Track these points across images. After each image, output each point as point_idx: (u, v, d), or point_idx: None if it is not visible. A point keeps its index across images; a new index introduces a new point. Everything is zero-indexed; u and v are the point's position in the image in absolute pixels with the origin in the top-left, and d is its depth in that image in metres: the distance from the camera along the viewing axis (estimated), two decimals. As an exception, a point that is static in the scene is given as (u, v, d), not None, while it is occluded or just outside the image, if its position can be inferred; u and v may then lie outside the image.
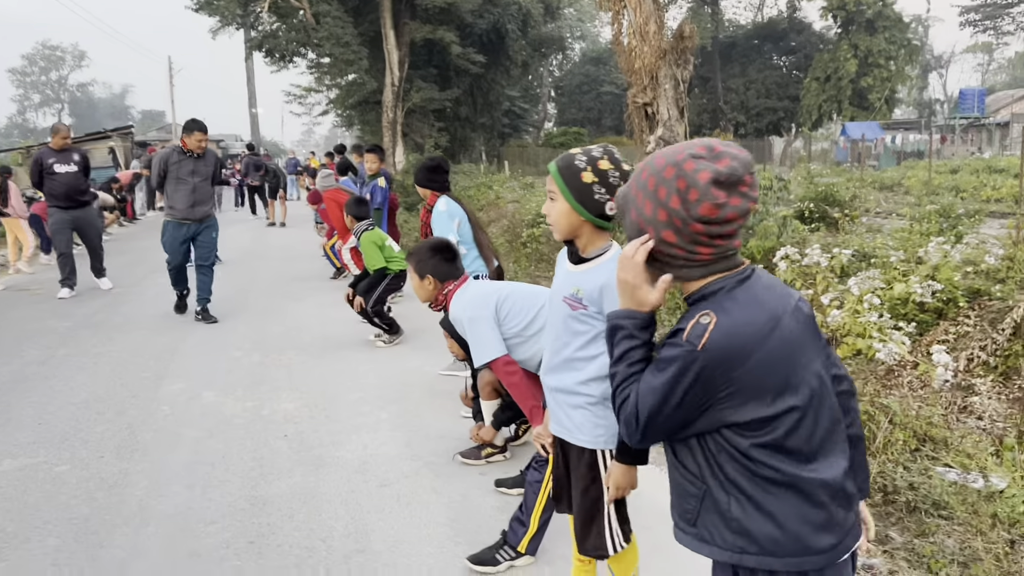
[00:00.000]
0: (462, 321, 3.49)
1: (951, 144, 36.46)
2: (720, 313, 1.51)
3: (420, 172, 5.63)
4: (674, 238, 1.54)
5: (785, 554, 1.58)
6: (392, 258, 7.26)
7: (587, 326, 2.36)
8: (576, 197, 2.28)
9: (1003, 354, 5.35)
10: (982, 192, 18.17)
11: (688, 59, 12.59)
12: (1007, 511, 3.28)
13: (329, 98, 34.78)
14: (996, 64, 73.81)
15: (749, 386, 1.51)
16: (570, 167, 2.30)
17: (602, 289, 2.31)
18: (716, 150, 1.53)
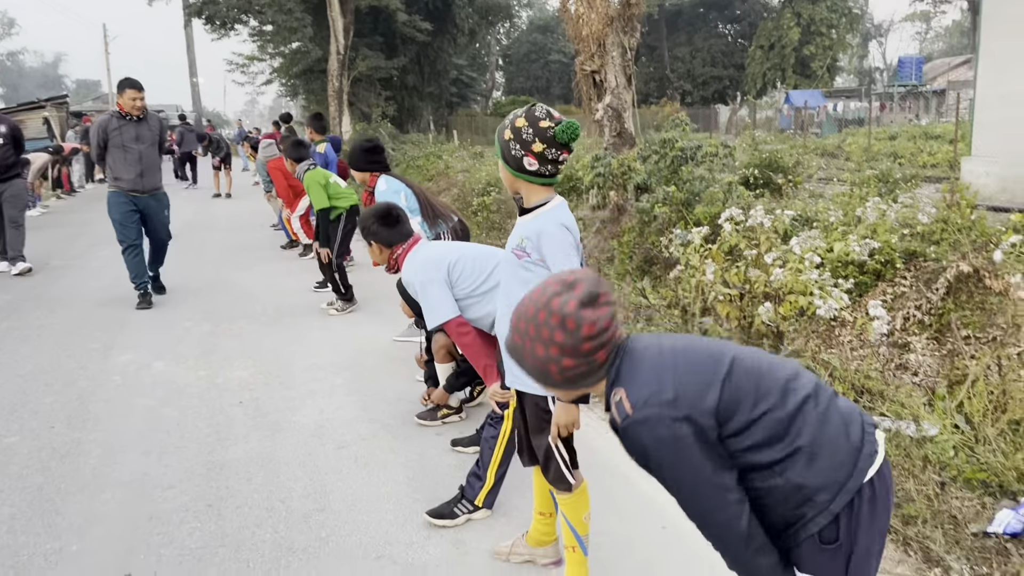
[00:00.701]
0: (414, 284, 3.53)
1: (890, 111, 37.27)
2: (624, 385, 1.71)
3: (357, 155, 5.46)
4: (574, 362, 1.71)
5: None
6: (339, 195, 7.18)
7: (532, 274, 2.49)
8: (501, 154, 2.48)
9: (937, 313, 5.59)
10: (919, 158, 18.67)
11: (635, 26, 12.66)
12: (937, 454, 3.48)
13: (273, 67, 34.09)
14: (933, 33, 75.42)
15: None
16: (499, 129, 2.49)
17: (539, 235, 2.45)
18: (568, 281, 1.73)
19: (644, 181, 8.45)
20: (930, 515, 3.15)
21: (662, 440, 1.62)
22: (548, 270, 2.47)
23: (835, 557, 1.67)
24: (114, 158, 7.20)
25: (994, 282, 5.58)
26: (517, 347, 1.77)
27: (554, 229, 2.45)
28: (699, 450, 1.62)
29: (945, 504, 3.26)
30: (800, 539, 1.68)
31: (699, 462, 1.62)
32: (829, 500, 1.64)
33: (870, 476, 1.67)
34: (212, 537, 3.26)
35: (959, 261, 5.74)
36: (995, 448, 3.56)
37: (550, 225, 2.46)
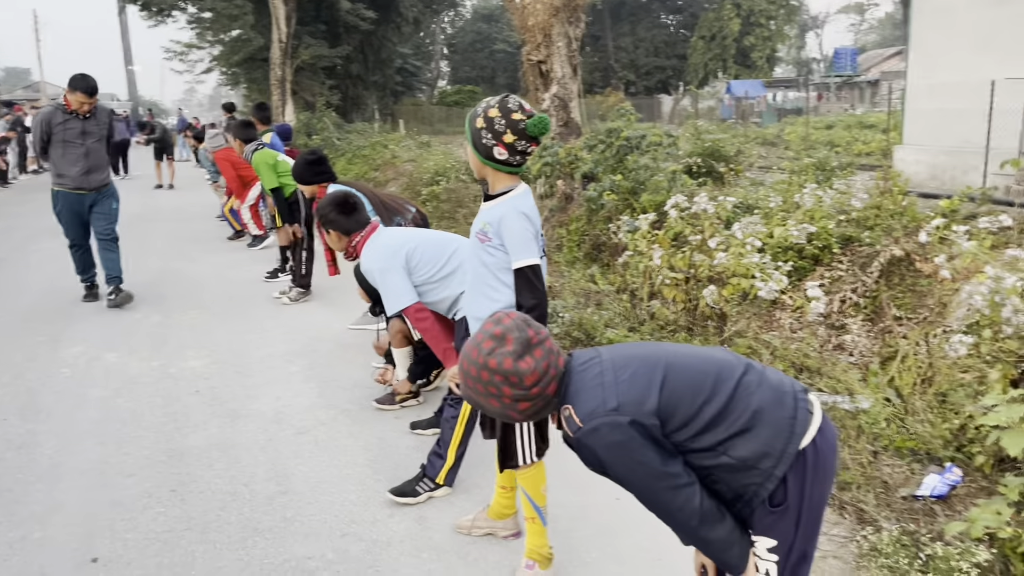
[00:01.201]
0: (373, 272, 3.58)
1: (827, 101, 38.29)
2: (571, 402, 1.88)
3: (302, 170, 5.45)
4: (529, 404, 1.89)
5: None
6: (288, 173, 7.16)
7: (494, 257, 2.62)
8: (472, 141, 2.58)
9: (871, 295, 5.88)
10: (854, 146, 19.28)
11: (580, 17, 12.79)
12: (870, 425, 3.70)
13: (212, 55, 33.38)
14: (867, 24, 77.47)
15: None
16: (471, 116, 2.59)
17: (500, 221, 2.57)
18: (497, 334, 1.88)
19: (591, 170, 8.62)
20: (863, 481, 3.36)
21: (612, 444, 1.79)
22: (507, 255, 2.59)
23: (784, 517, 1.82)
24: (58, 154, 6.74)
25: (924, 265, 5.88)
26: (473, 398, 1.93)
27: (514, 217, 2.56)
28: (647, 447, 1.78)
29: (877, 471, 3.48)
30: (753, 506, 1.83)
31: (649, 457, 1.78)
32: (773, 466, 1.79)
33: (811, 438, 1.82)
34: (177, 521, 3.31)
35: (892, 246, 6.03)
36: (923, 419, 3.81)
37: (511, 213, 2.57)
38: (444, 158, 13.44)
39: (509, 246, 2.57)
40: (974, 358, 3.72)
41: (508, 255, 2.59)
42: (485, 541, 3.13)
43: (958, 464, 3.36)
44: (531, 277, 2.56)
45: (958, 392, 3.76)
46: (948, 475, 3.25)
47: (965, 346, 3.56)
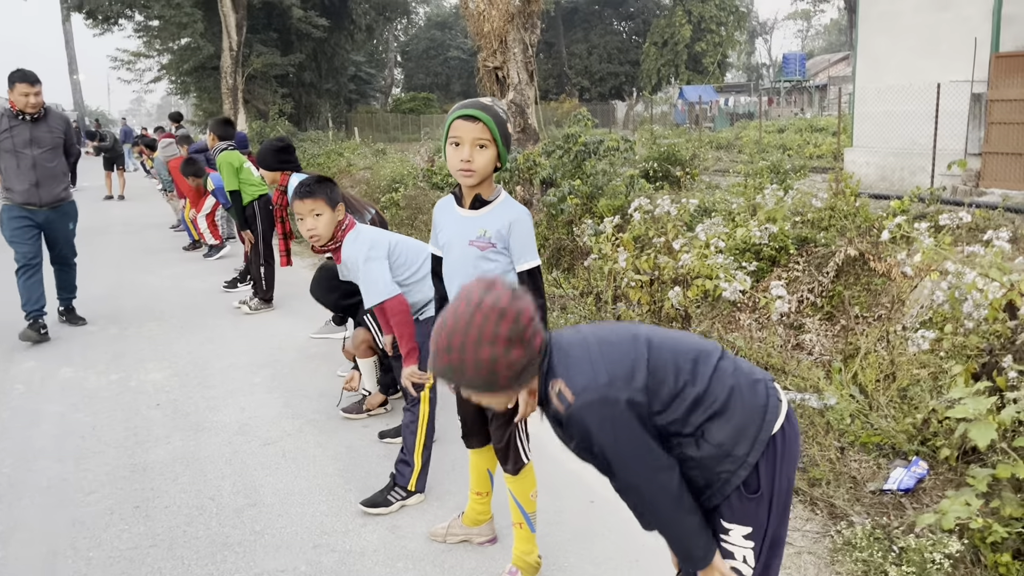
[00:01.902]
0: (356, 261, 3.39)
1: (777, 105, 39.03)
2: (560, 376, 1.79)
3: (268, 154, 5.34)
4: (521, 351, 1.74)
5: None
6: (249, 182, 7.05)
7: (495, 263, 2.57)
8: (506, 145, 2.50)
9: (828, 295, 6.00)
10: (806, 149, 19.66)
11: (535, 23, 12.85)
12: (836, 422, 3.76)
13: (161, 64, 32.87)
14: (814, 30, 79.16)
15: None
16: (498, 116, 2.48)
17: (512, 223, 2.53)
18: (484, 284, 1.78)
19: (550, 175, 8.65)
20: (832, 477, 3.41)
21: (604, 420, 1.75)
22: (510, 258, 2.56)
23: (759, 504, 1.84)
24: (4, 165, 6.17)
25: (877, 264, 6.01)
26: (454, 364, 1.75)
27: (527, 218, 2.57)
28: (637, 425, 1.76)
29: (845, 467, 3.53)
30: (727, 492, 1.84)
31: (639, 435, 1.76)
32: (746, 453, 1.81)
33: (780, 425, 1.84)
34: (142, 538, 3.22)
35: (846, 246, 6.16)
36: (886, 414, 3.88)
37: (523, 215, 2.57)
38: (400, 165, 13.39)
39: (519, 248, 2.55)
40: (933, 354, 3.80)
41: (510, 259, 2.57)
42: (461, 548, 3.10)
43: (923, 457, 3.43)
44: (538, 277, 2.58)
45: (919, 387, 3.84)
46: (914, 468, 3.32)
47: (927, 341, 3.63)
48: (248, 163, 7.21)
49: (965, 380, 3.25)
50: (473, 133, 2.45)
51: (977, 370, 3.37)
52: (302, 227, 3.37)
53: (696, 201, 5.91)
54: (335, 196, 3.38)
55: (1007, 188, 10.89)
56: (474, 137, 2.45)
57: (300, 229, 3.41)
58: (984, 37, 11.86)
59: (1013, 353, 3.20)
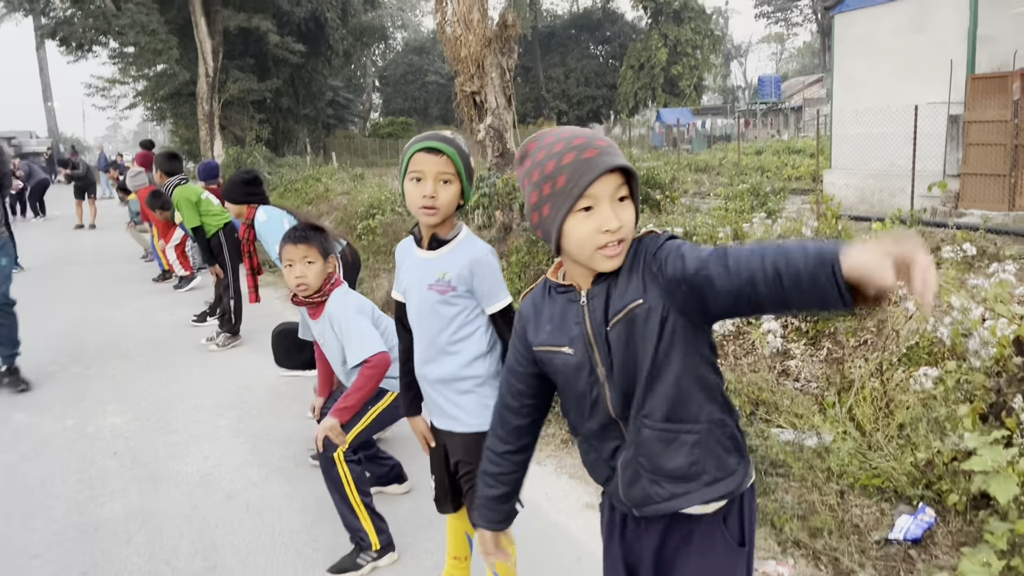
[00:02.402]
0: (344, 315, 3.19)
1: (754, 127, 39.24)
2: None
3: (235, 187, 5.08)
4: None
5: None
6: (211, 212, 6.79)
7: (457, 307, 2.35)
8: (469, 180, 2.30)
9: (812, 319, 5.84)
10: (784, 171, 19.69)
11: (512, 48, 12.75)
12: (838, 465, 3.56)
13: (136, 90, 32.53)
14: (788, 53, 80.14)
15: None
16: (462, 150, 2.28)
17: (472, 264, 2.30)
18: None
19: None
20: (835, 526, 3.20)
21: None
22: (476, 301, 2.35)
23: (741, 559, 1.65)
24: None
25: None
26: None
27: (489, 255, 2.35)
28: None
29: (846, 513, 3.32)
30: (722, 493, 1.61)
31: None
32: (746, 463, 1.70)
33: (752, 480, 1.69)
34: (89, 609, 2.95)
35: (830, 269, 6.02)
36: (886, 453, 3.68)
37: (484, 252, 2.34)
38: (379, 190, 13.18)
39: (486, 290, 2.33)
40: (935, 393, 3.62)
41: (475, 301, 2.35)
42: (437, 615, 2.86)
43: (928, 503, 3.23)
44: (512, 315, 2.34)
45: (920, 425, 3.66)
46: (921, 516, 3.11)
47: (930, 379, 3.45)
48: (206, 193, 6.97)
49: (972, 421, 3.07)
50: (436, 167, 2.23)
51: (985, 410, 3.18)
52: (290, 274, 3.17)
53: (681, 229, 5.73)
54: (329, 246, 3.22)
55: (986, 209, 10.86)
56: (437, 171, 2.23)
57: (287, 276, 3.21)
58: (960, 59, 11.89)
59: (1023, 392, 3.02)
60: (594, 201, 1.47)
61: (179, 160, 7.24)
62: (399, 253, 2.50)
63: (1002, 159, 10.88)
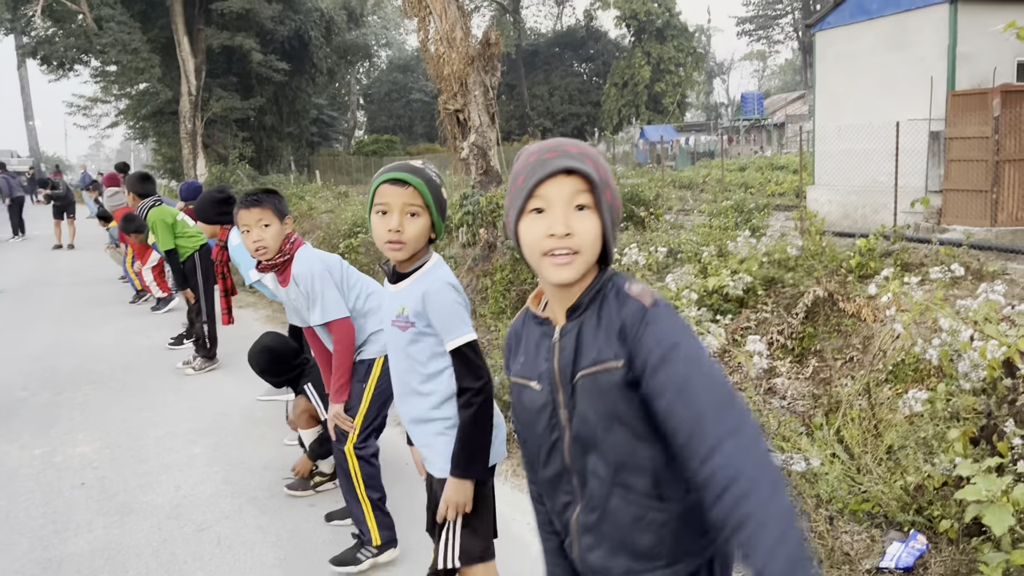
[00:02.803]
0: (310, 276, 3.14)
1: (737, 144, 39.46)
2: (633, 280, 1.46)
3: (207, 206, 4.98)
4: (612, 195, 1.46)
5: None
6: (187, 234, 6.66)
7: (421, 344, 2.24)
8: (440, 213, 2.21)
9: (798, 336, 5.78)
10: (768, 187, 19.73)
11: (496, 66, 12.74)
12: (827, 491, 3.47)
13: (118, 109, 32.34)
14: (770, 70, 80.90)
15: None
16: (431, 180, 2.19)
17: (424, 297, 2.19)
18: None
19: (512, 220, 8.41)
20: (825, 554, 3.11)
21: (691, 330, 1.37)
22: (439, 337, 2.22)
23: None
24: None
25: (847, 304, 5.82)
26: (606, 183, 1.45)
27: (442, 289, 2.20)
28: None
29: (836, 540, 3.24)
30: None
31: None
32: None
33: None
34: (47, 653, 2.81)
35: (814, 286, 5.96)
36: (875, 477, 3.60)
37: (436, 285, 2.20)
38: (362, 208, 13.07)
39: (440, 324, 2.19)
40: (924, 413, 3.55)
41: (438, 336, 2.22)
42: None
43: (920, 529, 3.15)
44: (471, 355, 2.19)
45: (909, 448, 3.58)
46: (912, 543, 3.03)
47: (919, 402, 3.38)
48: (182, 215, 6.84)
49: (963, 445, 2.99)
50: (402, 199, 2.13)
51: (975, 434, 3.11)
52: (247, 239, 3.13)
53: (665, 248, 5.66)
54: (283, 207, 3.18)
55: (968, 224, 10.88)
56: (404, 203, 2.13)
57: (246, 242, 3.17)
58: (940, 76, 11.95)
59: (1014, 416, 2.95)
60: (545, 203, 1.38)
61: (151, 181, 7.08)
62: (381, 289, 2.47)
63: (983, 175, 10.92)
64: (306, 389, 3.94)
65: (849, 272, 6.60)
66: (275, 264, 3.19)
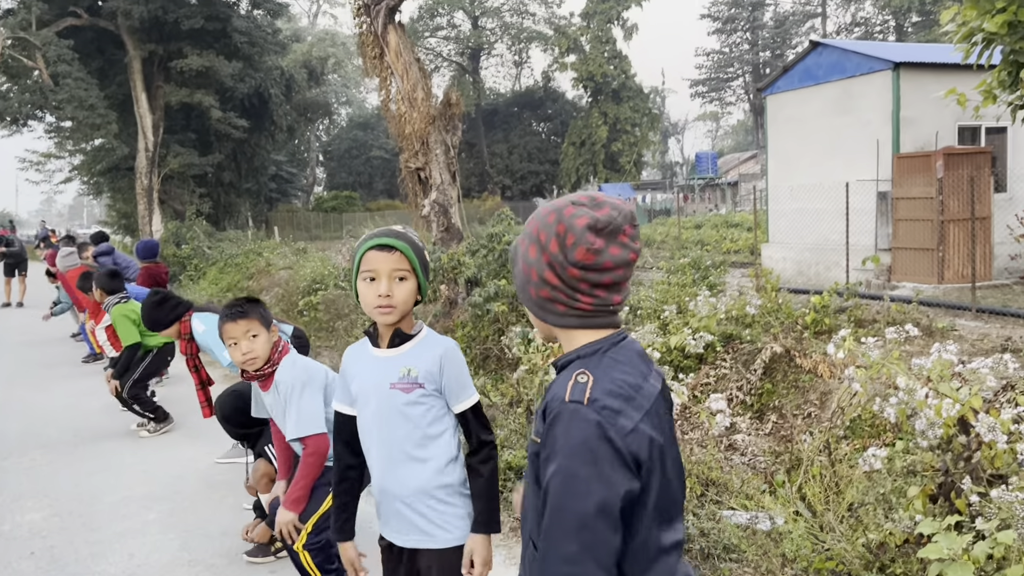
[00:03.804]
0: (293, 386, 3.11)
1: (692, 202, 40.32)
2: (596, 372, 1.44)
3: (153, 314, 4.82)
4: (556, 280, 1.49)
5: None
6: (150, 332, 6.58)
7: (424, 407, 2.20)
8: (425, 275, 2.23)
9: (757, 393, 5.86)
10: (723, 244, 20.15)
11: (457, 125, 12.96)
12: (792, 549, 3.49)
13: (73, 164, 32.03)
14: (723, 130, 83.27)
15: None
16: (415, 244, 2.22)
17: (441, 361, 2.20)
18: (598, 200, 1.51)
19: (475, 275, 8.48)
20: (791, 614, 3.12)
21: (591, 440, 1.35)
22: (444, 399, 2.22)
23: None
24: None
25: (803, 360, 5.93)
26: (516, 248, 1.58)
27: (455, 349, 2.26)
28: (618, 478, 1.35)
29: (801, 599, 3.25)
30: None
31: (609, 488, 1.34)
32: None
33: None
34: None
35: (772, 343, 6.08)
36: (838, 534, 3.64)
37: (451, 346, 2.26)
38: (321, 264, 13.03)
39: (456, 386, 2.22)
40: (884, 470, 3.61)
41: (441, 400, 2.22)
42: None
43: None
44: (481, 413, 2.27)
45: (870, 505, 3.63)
46: (877, 602, 3.06)
47: (879, 459, 3.44)
48: None
49: (923, 502, 3.05)
50: (390, 264, 2.15)
51: (934, 491, 3.17)
52: (235, 352, 3.11)
53: (627, 307, 5.74)
54: (268, 316, 3.18)
55: (917, 281, 11.20)
56: (391, 269, 2.15)
57: (233, 355, 3.15)
58: (886, 139, 12.42)
59: (970, 472, 3.02)
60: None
61: (120, 279, 6.99)
62: (347, 360, 2.35)
63: (930, 234, 11.30)
64: (267, 451, 3.88)
65: (805, 328, 6.75)
66: (262, 374, 3.17)
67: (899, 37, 50.64)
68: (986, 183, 11.10)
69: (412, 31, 39.57)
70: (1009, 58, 8.14)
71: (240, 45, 27.62)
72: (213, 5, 26.18)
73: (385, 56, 12.91)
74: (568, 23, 47.11)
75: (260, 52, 29.70)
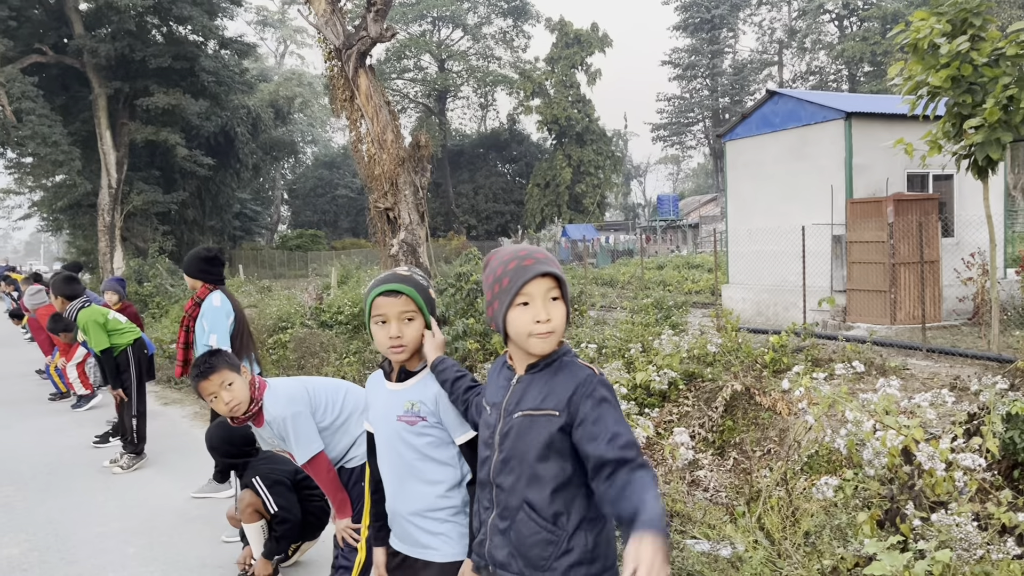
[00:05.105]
0: (283, 419, 3.27)
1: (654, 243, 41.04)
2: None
3: (194, 262, 5.19)
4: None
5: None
6: (119, 330, 6.63)
7: (428, 437, 2.39)
8: (431, 311, 2.42)
9: (718, 430, 6.10)
10: (685, 285, 20.57)
11: (425, 167, 13.22)
12: (753, 575, 3.70)
13: (32, 200, 31.68)
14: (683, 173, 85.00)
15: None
16: (419, 285, 2.41)
17: (436, 397, 2.38)
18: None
19: (442, 314, 8.67)
20: (751, 634, 3.32)
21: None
22: (443, 431, 2.41)
23: None
24: None
25: (763, 398, 6.19)
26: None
27: None
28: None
29: (761, 622, 3.45)
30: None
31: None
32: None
33: None
34: None
35: (732, 381, 6.33)
36: (795, 561, 3.86)
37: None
38: (287, 303, 13.10)
39: (454, 419, 2.39)
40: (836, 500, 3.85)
41: (445, 431, 2.40)
42: None
43: (836, 608, 3.39)
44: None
45: (824, 532, 3.86)
46: (830, 621, 3.27)
47: (831, 488, 3.68)
48: (113, 313, 6.83)
49: (871, 527, 3.29)
50: (397, 307, 2.36)
51: (881, 516, 3.42)
52: (218, 405, 3.28)
53: (595, 345, 5.97)
54: (234, 360, 3.33)
55: (871, 322, 11.62)
56: (399, 312, 2.36)
57: (218, 408, 3.32)
58: (839, 184, 12.94)
59: (914, 499, 3.27)
60: (529, 298, 1.89)
61: (77, 282, 7.05)
62: (369, 386, 2.56)
63: (882, 277, 11.76)
64: (254, 483, 4.00)
65: (764, 367, 7.04)
66: (250, 415, 3.33)
67: (852, 86, 52.44)
68: (934, 228, 11.61)
69: (380, 72, 40.03)
70: (953, 110, 8.64)
71: (207, 84, 27.81)
72: (181, 44, 26.38)
73: (356, 99, 13.17)
74: (533, 67, 48.12)
75: (227, 91, 29.89)
